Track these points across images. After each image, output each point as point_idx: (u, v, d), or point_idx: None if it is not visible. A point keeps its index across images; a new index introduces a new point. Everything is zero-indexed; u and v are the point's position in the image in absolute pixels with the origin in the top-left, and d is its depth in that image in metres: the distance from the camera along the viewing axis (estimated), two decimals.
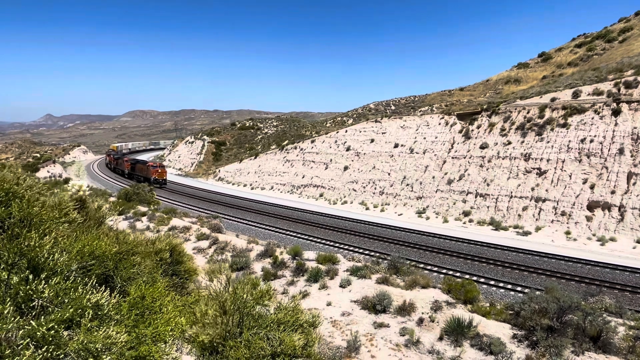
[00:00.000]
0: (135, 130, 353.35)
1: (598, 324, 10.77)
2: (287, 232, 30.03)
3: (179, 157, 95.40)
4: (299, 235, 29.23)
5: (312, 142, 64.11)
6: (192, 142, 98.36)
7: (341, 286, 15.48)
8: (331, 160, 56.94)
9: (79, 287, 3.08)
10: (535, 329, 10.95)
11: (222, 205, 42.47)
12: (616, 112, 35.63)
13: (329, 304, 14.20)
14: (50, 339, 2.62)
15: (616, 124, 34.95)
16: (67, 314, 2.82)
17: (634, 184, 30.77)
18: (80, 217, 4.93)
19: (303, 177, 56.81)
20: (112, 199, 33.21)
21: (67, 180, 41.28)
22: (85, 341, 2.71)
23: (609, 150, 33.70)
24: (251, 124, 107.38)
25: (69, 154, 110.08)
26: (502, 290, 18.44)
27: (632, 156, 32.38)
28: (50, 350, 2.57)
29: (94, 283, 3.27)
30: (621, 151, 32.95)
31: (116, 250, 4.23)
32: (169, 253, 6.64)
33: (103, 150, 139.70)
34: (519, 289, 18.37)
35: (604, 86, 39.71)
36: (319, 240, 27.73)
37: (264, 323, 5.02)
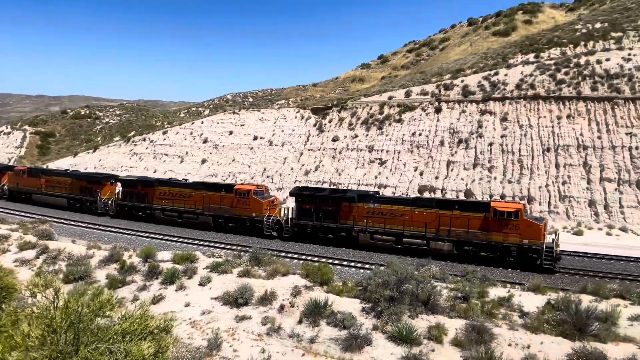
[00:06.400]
0: None
1: (427, 290, 12.71)
2: (138, 233, 27.36)
3: None
4: (151, 235, 26.92)
5: (165, 133, 59.66)
6: (9, 133, 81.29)
7: (201, 284, 14.84)
8: (187, 152, 53.94)
9: None
10: (379, 301, 12.33)
11: (52, 208, 36.20)
12: (438, 110, 42.40)
13: (187, 305, 13.48)
14: None
15: (438, 120, 41.61)
16: None
17: (452, 170, 37.22)
18: None
19: (155, 172, 52.48)
20: None
21: None
22: None
23: (433, 142, 39.96)
24: (88, 112, 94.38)
25: None
26: (353, 269, 20.26)
27: (450, 147, 39.04)
28: None
29: None
30: (442, 143, 39.44)
31: None
32: None
33: None
34: (367, 266, 20.45)
35: (429, 87, 46.81)
36: (175, 239, 26.04)
37: (106, 336, 4.46)
